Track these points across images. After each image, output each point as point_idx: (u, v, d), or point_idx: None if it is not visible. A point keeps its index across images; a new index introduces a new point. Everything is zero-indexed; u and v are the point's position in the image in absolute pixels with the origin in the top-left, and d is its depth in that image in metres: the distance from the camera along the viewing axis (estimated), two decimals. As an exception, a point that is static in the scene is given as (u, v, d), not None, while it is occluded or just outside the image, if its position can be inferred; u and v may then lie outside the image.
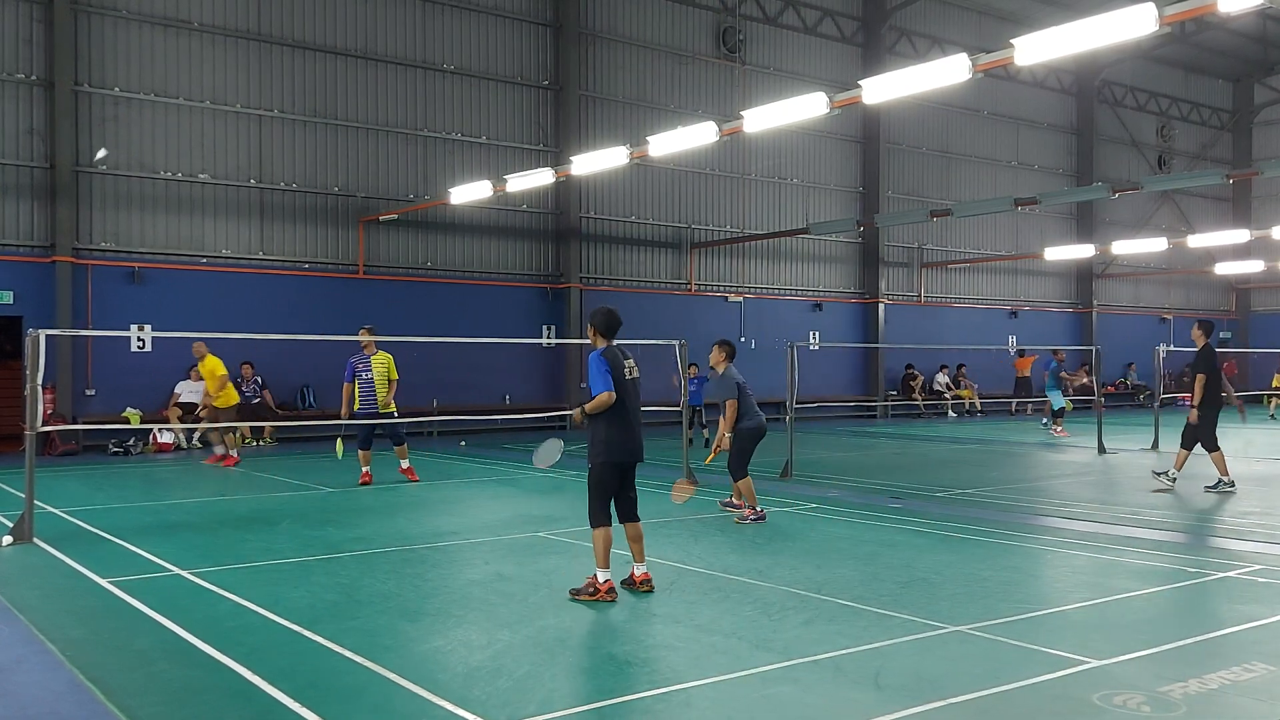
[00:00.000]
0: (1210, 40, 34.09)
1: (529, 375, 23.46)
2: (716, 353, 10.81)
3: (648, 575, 7.24)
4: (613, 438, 7.08)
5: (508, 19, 23.32)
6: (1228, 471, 12.34)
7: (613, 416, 7.07)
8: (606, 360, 7.05)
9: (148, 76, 19.16)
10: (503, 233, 23.34)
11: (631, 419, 7.16)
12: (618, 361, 7.11)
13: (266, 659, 5.56)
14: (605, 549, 7.00)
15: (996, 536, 9.44)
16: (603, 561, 6.97)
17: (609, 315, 7.27)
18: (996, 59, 10.99)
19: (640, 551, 7.29)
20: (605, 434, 7.08)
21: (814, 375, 26.85)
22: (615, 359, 7.11)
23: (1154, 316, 36.85)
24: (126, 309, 18.60)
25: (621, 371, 7.10)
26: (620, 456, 7.12)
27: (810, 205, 28.24)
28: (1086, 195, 28.89)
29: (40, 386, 9.59)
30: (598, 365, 7.04)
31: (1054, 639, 5.92)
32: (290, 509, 11.34)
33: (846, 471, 15.16)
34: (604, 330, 7.22)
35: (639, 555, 7.28)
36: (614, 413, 7.05)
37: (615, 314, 7.31)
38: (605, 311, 7.29)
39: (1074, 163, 34.40)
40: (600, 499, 7.14)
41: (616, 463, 7.14)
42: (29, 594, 7.25)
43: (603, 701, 4.91)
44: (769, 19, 27.30)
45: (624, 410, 7.10)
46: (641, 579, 7.20)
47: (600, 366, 7.03)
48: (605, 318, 7.24)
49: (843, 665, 5.43)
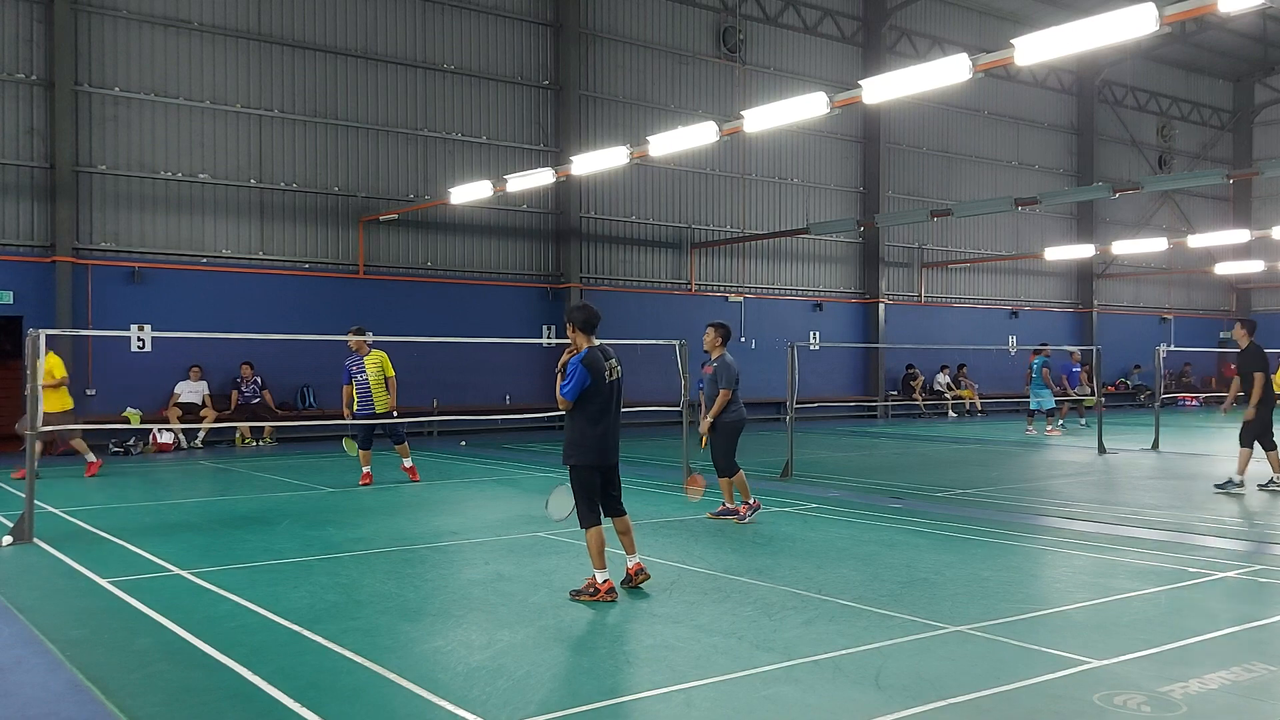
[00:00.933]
0: (1210, 40, 34.10)
1: (529, 375, 23.45)
2: (712, 336, 10.49)
3: (640, 566, 7.23)
4: (588, 440, 7.05)
5: (508, 19, 23.32)
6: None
7: (589, 419, 7.05)
8: (588, 371, 6.98)
9: (148, 76, 19.16)
10: (503, 233, 23.34)
11: (608, 421, 7.12)
12: (598, 367, 7.04)
13: (266, 659, 5.56)
14: (599, 548, 6.99)
15: (997, 536, 9.44)
16: (599, 562, 6.97)
17: (587, 311, 7.17)
18: (997, 59, 10.99)
19: (630, 544, 7.29)
20: (580, 436, 7.06)
21: (814, 375, 26.87)
22: (596, 366, 7.03)
23: (1154, 316, 36.85)
24: (126, 309, 18.60)
25: (602, 375, 7.05)
26: (594, 459, 7.08)
27: (810, 205, 28.24)
28: (1087, 195, 28.89)
29: (40, 386, 9.60)
30: (577, 375, 6.96)
31: (1054, 639, 5.92)
32: (290, 509, 11.34)
33: (847, 471, 15.15)
34: (583, 327, 7.10)
35: (629, 547, 7.29)
36: (590, 415, 7.04)
37: (593, 310, 7.21)
38: (583, 308, 7.19)
39: (1074, 163, 34.41)
40: (585, 500, 7.11)
41: (594, 465, 7.10)
42: (29, 594, 7.25)
43: (603, 701, 4.91)
44: (769, 19, 27.30)
45: (601, 413, 7.07)
46: (634, 570, 7.20)
47: (579, 377, 6.96)
48: (584, 314, 7.13)
49: (843, 665, 5.42)
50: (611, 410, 7.15)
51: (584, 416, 7.04)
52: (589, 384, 6.99)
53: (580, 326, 7.10)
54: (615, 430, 7.20)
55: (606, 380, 7.08)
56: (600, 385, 7.03)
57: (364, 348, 13.41)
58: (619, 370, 7.24)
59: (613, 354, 7.26)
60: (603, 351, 7.17)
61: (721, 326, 10.62)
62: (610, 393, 7.12)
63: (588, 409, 7.03)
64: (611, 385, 7.14)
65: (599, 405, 7.05)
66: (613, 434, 7.17)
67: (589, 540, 7.04)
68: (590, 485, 7.11)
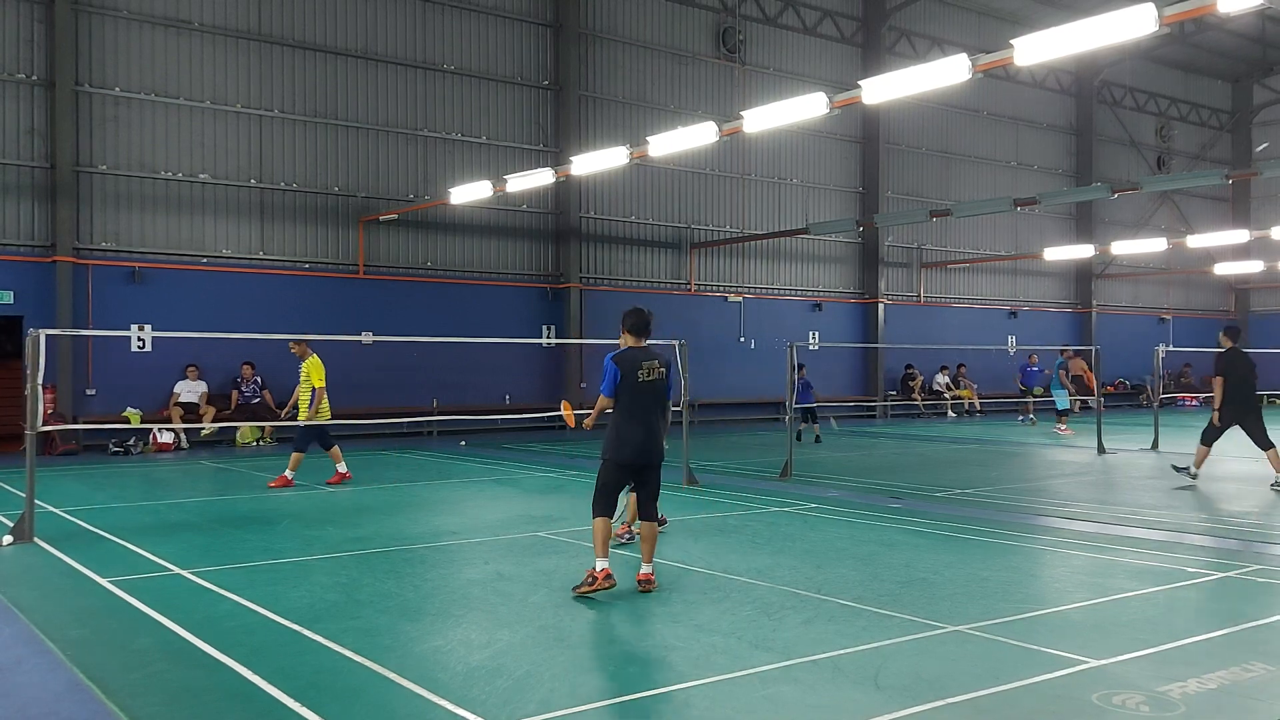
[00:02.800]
0: (1210, 41, 34.11)
1: (529, 375, 23.47)
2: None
3: (649, 576, 7.22)
4: (620, 437, 7.19)
5: (508, 19, 23.32)
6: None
7: (620, 417, 7.22)
8: (617, 365, 7.17)
9: (148, 76, 19.17)
10: (503, 233, 23.35)
11: (641, 420, 7.18)
12: (631, 365, 7.18)
13: (267, 659, 5.57)
14: (604, 539, 7.09)
15: (996, 536, 9.45)
16: (601, 550, 7.06)
17: (637, 315, 7.36)
18: (996, 59, 11.00)
19: (648, 552, 7.32)
20: (614, 432, 7.25)
21: (814, 375, 26.77)
22: (628, 362, 7.19)
23: (1153, 317, 36.86)
24: (127, 309, 18.61)
25: (635, 374, 7.16)
26: (625, 457, 7.20)
27: (810, 205, 28.25)
28: (1086, 195, 28.90)
29: (41, 386, 9.60)
30: (609, 371, 7.19)
31: (1054, 639, 5.92)
32: (290, 509, 11.35)
33: (846, 471, 15.16)
34: (631, 330, 7.32)
35: (646, 555, 7.32)
36: (623, 413, 7.21)
37: (644, 314, 7.39)
38: (635, 311, 7.39)
39: (1073, 163, 34.42)
40: (603, 491, 7.25)
41: (621, 462, 7.23)
42: (29, 594, 7.26)
43: (602, 701, 4.92)
44: (769, 19, 27.30)
45: (634, 411, 7.18)
46: (642, 579, 7.20)
47: (609, 371, 7.18)
48: (634, 318, 7.34)
49: (842, 665, 5.43)
50: (649, 411, 7.23)
51: (619, 414, 7.23)
52: (620, 380, 7.15)
53: (629, 329, 7.34)
54: (653, 432, 7.24)
55: (640, 379, 7.18)
56: (632, 383, 7.15)
57: (306, 352, 13.33)
58: (660, 371, 7.30)
59: (656, 355, 7.36)
60: (644, 352, 7.30)
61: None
62: (646, 392, 7.21)
63: (622, 407, 7.20)
64: (647, 385, 7.22)
65: (632, 403, 7.18)
66: (649, 435, 7.21)
67: (594, 528, 7.15)
68: (611, 480, 7.27)
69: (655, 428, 7.26)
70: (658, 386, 7.29)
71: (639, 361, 7.22)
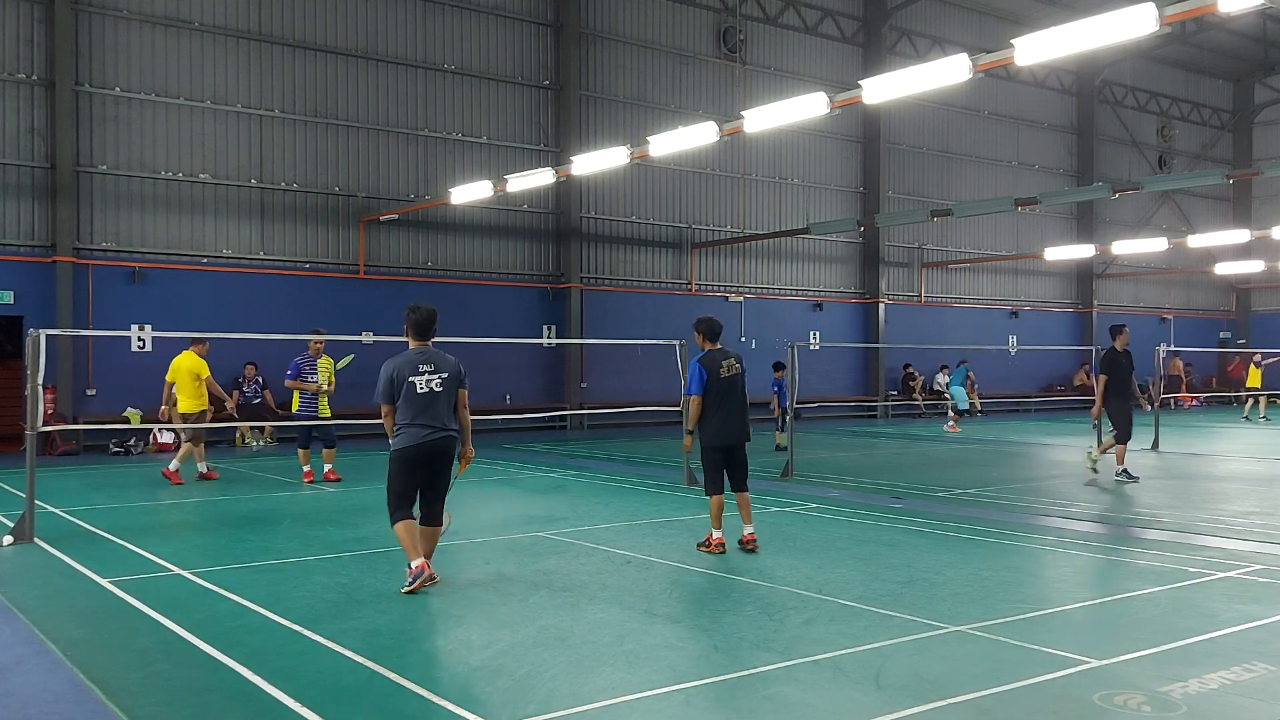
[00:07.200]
0: (1210, 40, 34.09)
1: (530, 375, 23.47)
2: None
3: (752, 535, 8.56)
4: (712, 425, 8.52)
5: (508, 19, 23.32)
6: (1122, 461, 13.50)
7: (712, 409, 8.52)
8: (704, 367, 8.49)
9: (148, 76, 19.16)
10: (503, 233, 23.34)
11: (729, 408, 8.51)
12: (714, 365, 8.50)
13: (267, 659, 5.56)
14: (718, 512, 8.54)
15: (997, 536, 9.44)
16: (715, 522, 8.52)
17: (710, 323, 8.75)
18: (996, 59, 11.00)
19: (746, 515, 8.68)
20: (708, 423, 8.55)
21: (814, 375, 26.85)
22: (712, 363, 8.51)
23: (1154, 316, 36.84)
24: (127, 309, 18.61)
25: (718, 372, 8.49)
26: (719, 440, 8.57)
27: (810, 205, 28.25)
28: (1087, 195, 28.89)
29: (41, 386, 9.60)
30: (694, 371, 8.52)
31: (1054, 639, 5.92)
32: (290, 509, 11.34)
33: (847, 471, 15.15)
34: (707, 335, 8.70)
35: (746, 518, 8.68)
36: (712, 406, 8.52)
37: (716, 321, 8.77)
38: (706, 320, 8.78)
39: (1074, 163, 34.41)
40: (711, 473, 8.65)
41: (717, 446, 8.58)
42: (29, 594, 7.25)
43: (603, 701, 4.91)
44: (769, 19, 27.30)
45: (719, 403, 8.50)
46: (747, 539, 8.53)
47: (696, 373, 8.51)
48: (707, 325, 8.73)
49: (843, 665, 5.42)
50: (731, 399, 8.53)
51: (708, 405, 8.52)
52: (706, 379, 8.48)
53: (705, 335, 8.72)
54: (737, 417, 8.57)
55: (722, 376, 8.52)
56: (716, 379, 8.49)
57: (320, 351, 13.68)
58: (737, 367, 8.65)
59: (731, 354, 8.69)
60: (721, 352, 8.64)
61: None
62: (728, 385, 8.53)
63: (711, 400, 8.49)
64: (729, 380, 8.54)
65: (717, 396, 8.49)
66: (734, 420, 8.55)
67: (710, 505, 8.59)
68: (714, 462, 8.63)
69: (740, 413, 8.58)
70: (737, 380, 8.62)
71: (719, 361, 8.54)
